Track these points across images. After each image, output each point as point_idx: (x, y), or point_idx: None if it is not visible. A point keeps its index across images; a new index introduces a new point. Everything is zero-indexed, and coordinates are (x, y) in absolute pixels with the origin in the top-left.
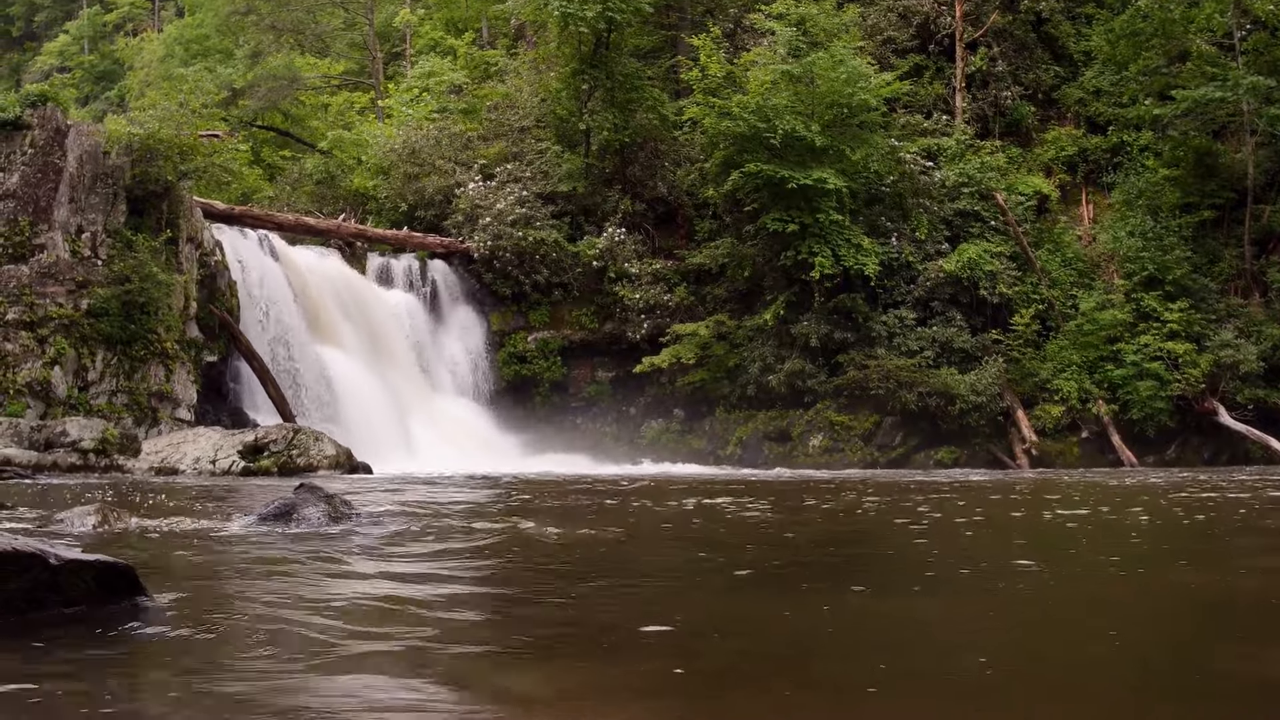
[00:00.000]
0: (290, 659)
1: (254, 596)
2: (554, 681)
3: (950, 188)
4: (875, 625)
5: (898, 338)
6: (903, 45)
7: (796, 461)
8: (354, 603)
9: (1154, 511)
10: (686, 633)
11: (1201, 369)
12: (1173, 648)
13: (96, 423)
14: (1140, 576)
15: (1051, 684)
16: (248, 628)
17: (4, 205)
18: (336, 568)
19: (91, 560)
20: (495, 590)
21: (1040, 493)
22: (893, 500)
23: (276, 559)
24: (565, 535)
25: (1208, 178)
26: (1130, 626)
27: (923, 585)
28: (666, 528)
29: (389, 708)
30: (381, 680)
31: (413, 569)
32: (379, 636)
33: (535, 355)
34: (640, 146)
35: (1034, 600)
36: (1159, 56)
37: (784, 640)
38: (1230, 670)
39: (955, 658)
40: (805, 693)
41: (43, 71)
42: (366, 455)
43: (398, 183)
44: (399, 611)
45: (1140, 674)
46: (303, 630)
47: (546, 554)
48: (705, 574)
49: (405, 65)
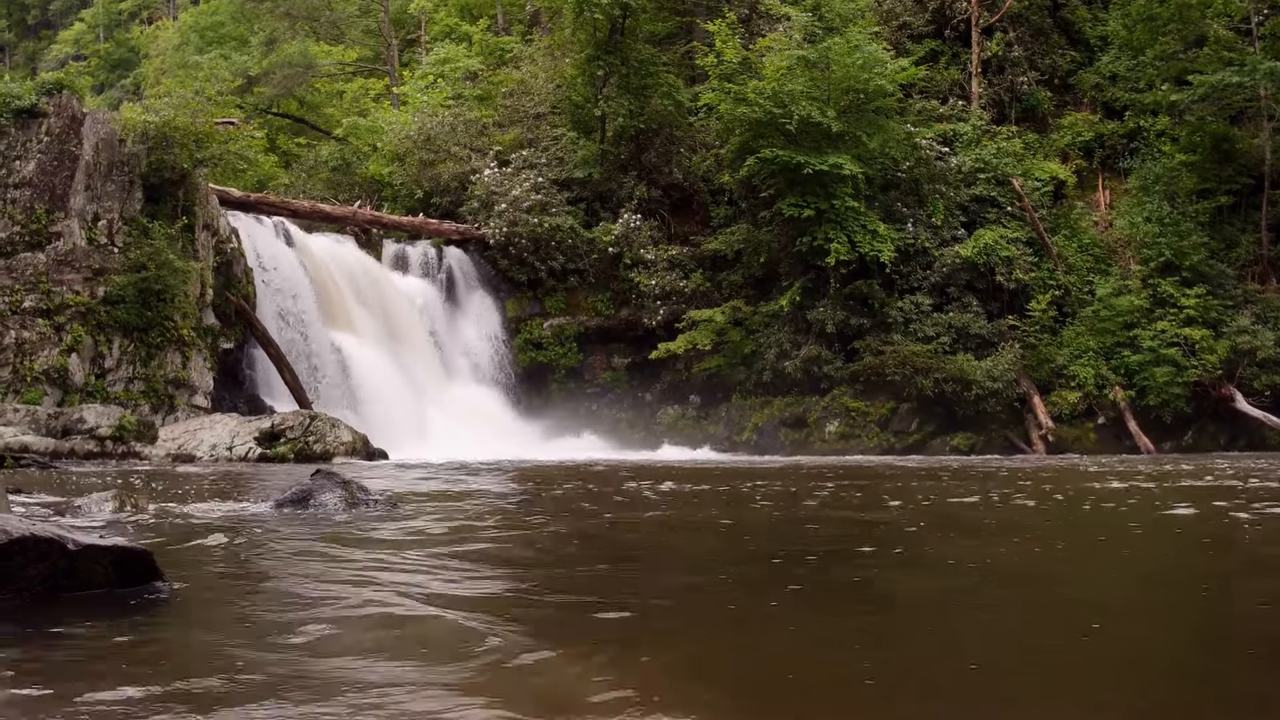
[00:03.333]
0: (307, 642)
1: (271, 581)
2: (575, 668)
3: (966, 173)
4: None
5: (914, 324)
6: (918, 30)
7: (812, 448)
8: (370, 586)
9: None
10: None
11: (1218, 355)
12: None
13: (113, 410)
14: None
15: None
16: (265, 611)
17: (21, 193)
18: (352, 552)
19: (109, 545)
20: (511, 571)
21: (1130, 481)
22: (990, 493)
23: (293, 544)
24: (580, 521)
25: (1225, 163)
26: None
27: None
28: (680, 515)
29: (411, 688)
30: (399, 664)
31: (429, 554)
32: (397, 621)
33: (551, 342)
34: (656, 132)
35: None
36: (1176, 41)
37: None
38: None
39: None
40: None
41: (58, 60)
42: (382, 441)
43: (413, 169)
44: (416, 595)
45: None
46: (319, 613)
47: (563, 538)
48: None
49: (420, 52)
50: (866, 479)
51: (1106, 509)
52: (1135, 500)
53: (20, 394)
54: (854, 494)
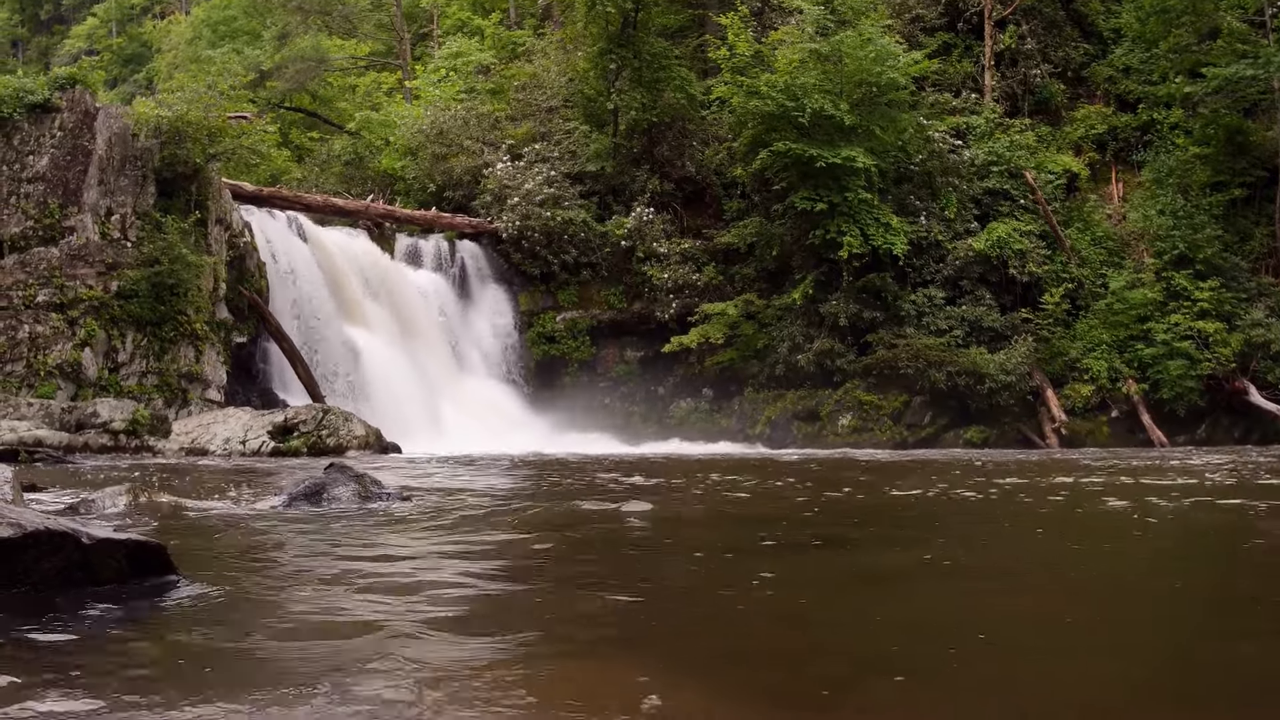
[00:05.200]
0: (322, 635)
1: (285, 575)
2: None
3: (979, 166)
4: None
5: (927, 317)
6: (931, 23)
7: (825, 441)
8: (384, 579)
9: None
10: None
11: (1232, 348)
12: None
13: (127, 404)
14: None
15: None
16: (279, 605)
17: (34, 188)
18: (366, 546)
19: (123, 539)
20: (525, 563)
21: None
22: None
23: (307, 538)
24: (596, 512)
25: (1238, 156)
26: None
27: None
28: (696, 505)
29: (427, 683)
30: (417, 647)
31: (443, 547)
32: (411, 613)
33: (564, 335)
34: (668, 126)
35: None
36: (1189, 34)
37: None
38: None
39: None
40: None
41: (71, 55)
42: (396, 435)
43: (425, 163)
44: (429, 588)
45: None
46: (333, 606)
47: (580, 530)
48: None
49: (433, 46)
50: (936, 473)
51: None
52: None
53: (34, 388)
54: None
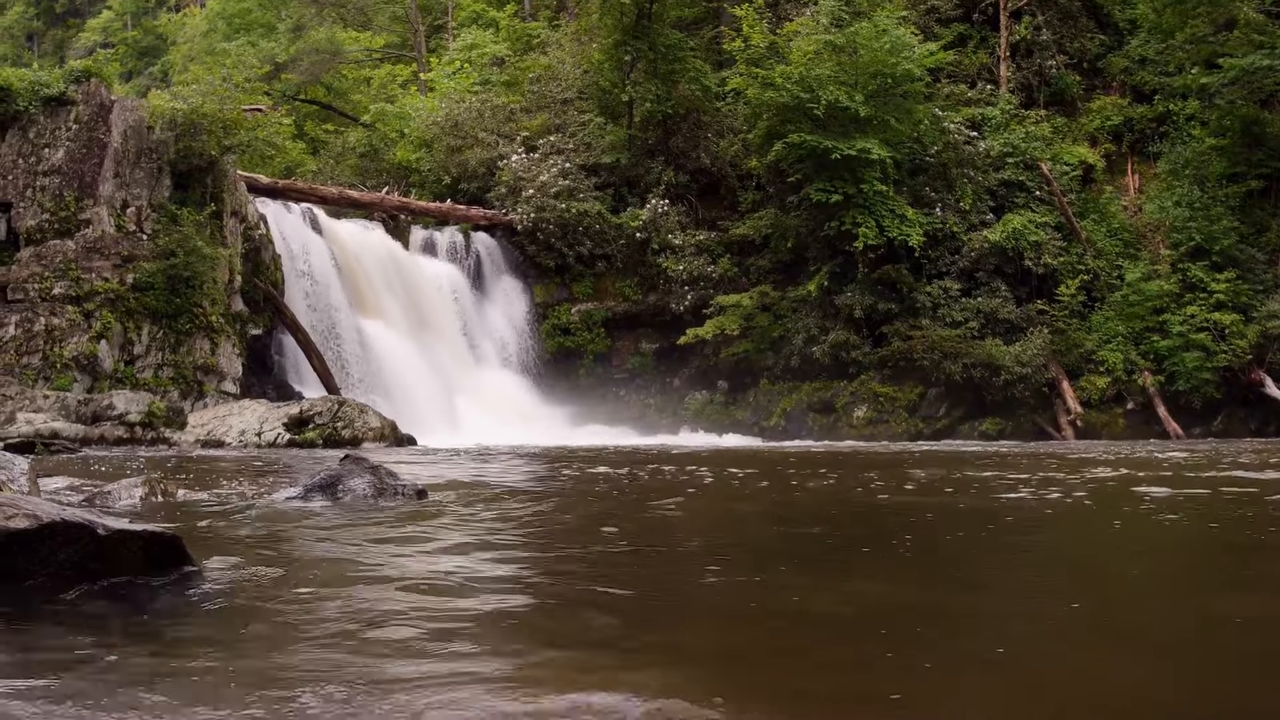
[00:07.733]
0: (338, 628)
1: (301, 566)
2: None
3: (995, 158)
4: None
5: (942, 308)
6: (946, 14)
7: (840, 433)
8: (401, 572)
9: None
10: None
11: (1248, 340)
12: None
13: (143, 396)
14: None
15: None
16: (295, 597)
17: (50, 180)
18: (382, 538)
19: (139, 530)
20: (540, 555)
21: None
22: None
23: (322, 529)
24: (611, 506)
25: (1255, 147)
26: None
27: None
28: (714, 501)
29: (445, 682)
30: (432, 644)
31: (459, 540)
32: (427, 608)
33: (579, 327)
34: (683, 118)
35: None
36: (1206, 24)
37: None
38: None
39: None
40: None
41: (86, 48)
42: (411, 427)
43: (440, 156)
44: (446, 583)
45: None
46: (349, 599)
47: (597, 524)
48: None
49: (447, 38)
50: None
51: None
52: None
53: (50, 380)
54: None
